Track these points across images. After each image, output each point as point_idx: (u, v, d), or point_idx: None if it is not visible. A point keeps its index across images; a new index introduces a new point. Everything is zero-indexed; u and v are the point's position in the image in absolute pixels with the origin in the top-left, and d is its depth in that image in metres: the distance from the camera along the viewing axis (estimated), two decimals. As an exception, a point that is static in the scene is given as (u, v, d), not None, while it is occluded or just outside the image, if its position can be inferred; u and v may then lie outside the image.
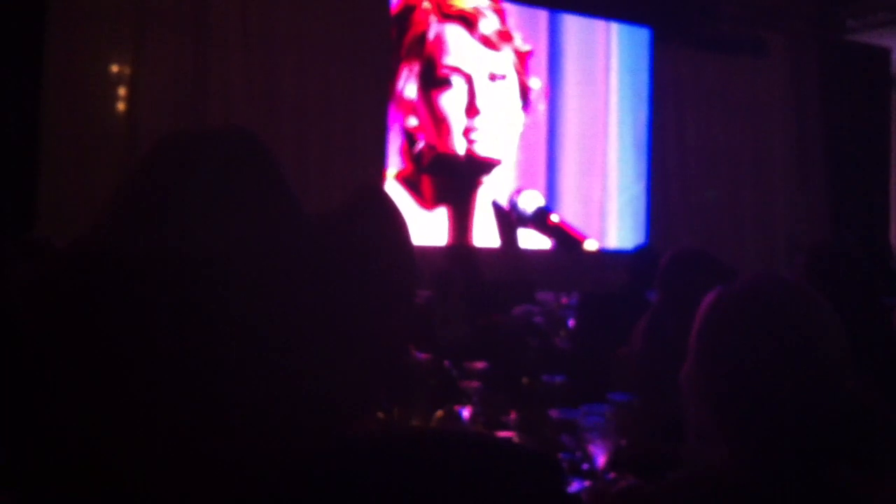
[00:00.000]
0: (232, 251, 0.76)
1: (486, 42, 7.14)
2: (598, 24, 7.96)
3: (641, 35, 8.18)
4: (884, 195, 9.62)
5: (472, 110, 7.02)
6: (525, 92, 7.35)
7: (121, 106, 6.01)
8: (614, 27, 8.02)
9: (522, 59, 7.34)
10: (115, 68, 6.01)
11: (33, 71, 5.56)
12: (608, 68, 7.97)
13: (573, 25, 7.77)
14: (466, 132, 7.02)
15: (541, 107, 7.45)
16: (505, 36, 7.24)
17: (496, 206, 7.19)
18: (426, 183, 6.95)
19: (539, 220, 7.31)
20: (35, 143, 5.55)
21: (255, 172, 0.82)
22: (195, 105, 6.17)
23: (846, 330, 1.29)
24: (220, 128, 0.86)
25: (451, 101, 7.00)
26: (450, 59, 7.02)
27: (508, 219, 7.21)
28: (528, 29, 7.50)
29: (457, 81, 7.01)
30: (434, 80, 6.96)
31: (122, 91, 6.01)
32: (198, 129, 0.86)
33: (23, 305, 0.75)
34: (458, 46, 7.06)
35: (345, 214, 0.86)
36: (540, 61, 7.55)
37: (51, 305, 0.74)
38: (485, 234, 7.16)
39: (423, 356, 2.79)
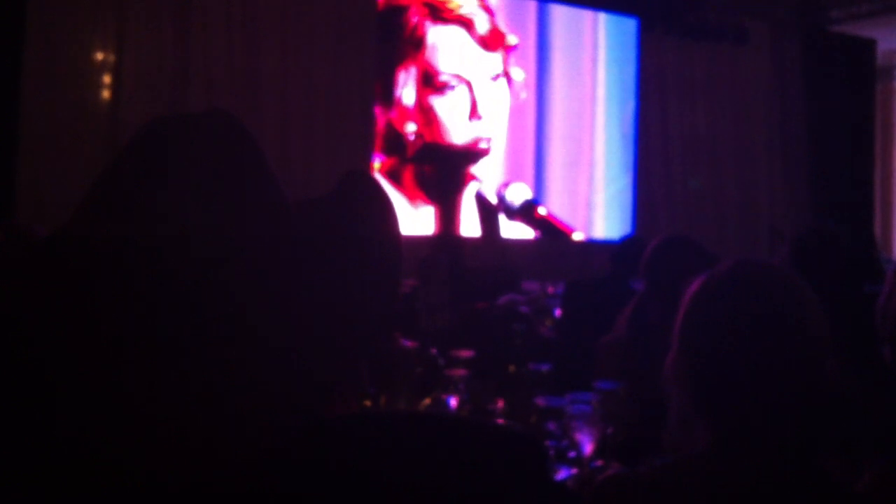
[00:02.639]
0: (212, 235, 0.76)
1: (484, 44, 7.12)
2: (586, 16, 7.95)
3: (628, 27, 8.18)
4: (867, 185, 9.68)
5: (474, 114, 7.02)
6: (508, 82, 7.34)
7: (102, 94, 5.97)
8: (602, 19, 8.01)
9: (508, 51, 7.33)
10: (96, 56, 5.96)
11: (14, 59, 5.50)
12: (595, 60, 7.97)
13: (561, 17, 7.76)
14: (476, 141, 7.01)
15: (523, 94, 7.42)
16: (499, 36, 7.22)
17: (479, 197, 7.18)
18: (411, 176, 6.93)
19: (526, 212, 7.31)
20: (15, 131, 5.50)
21: (235, 156, 0.82)
22: (177, 93, 6.13)
23: (829, 318, 1.30)
24: (202, 112, 0.85)
25: (453, 108, 6.98)
26: (450, 65, 6.98)
27: (490, 210, 7.20)
28: (517, 21, 7.48)
29: (458, 87, 6.98)
30: (434, 87, 6.93)
31: (103, 79, 5.97)
32: (179, 114, 0.86)
33: (2, 293, 0.74)
34: (457, 51, 7.02)
35: (332, 199, 0.86)
36: (528, 54, 7.54)
37: (32, 293, 0.74)
38: (472, 224, 7.16)
39: (409, 344, 2.79)
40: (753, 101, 8.89)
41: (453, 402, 2.51)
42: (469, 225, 7.13)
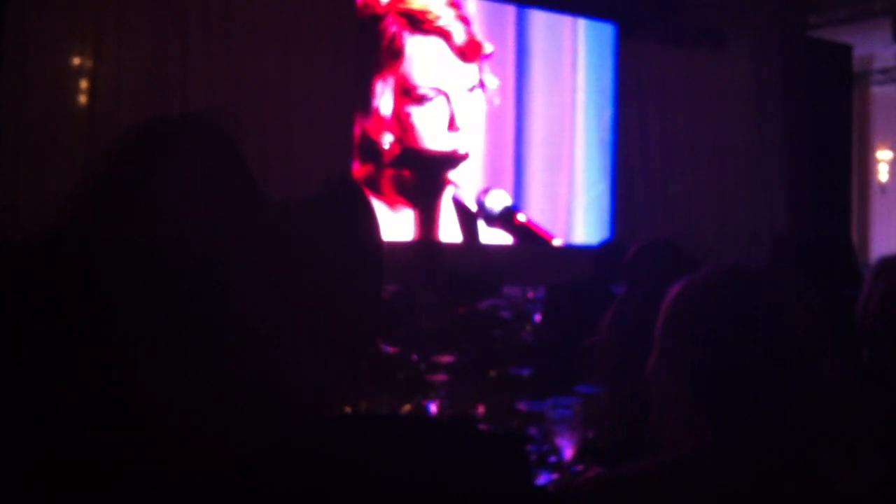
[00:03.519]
0: (191, 239, 0.76)
1: (462, 55, 7.12)
2: (565, 23, 7.98)
3: (607, 32, 8.21)
4: (844, 189, 9.76)
5: (452, 126, 7.02)
6: (483, 90, 7.35)
7: (79, 99, 5.93)
8: (581, 26, 8.04)
9: (483, 59, 7.34)
10: (73, 61, 5.93)
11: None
12: (575, 66, 8.00)
13: (540, 23, 7.78)
14: (454, 152, 7.01)
15: (496, 100, 7.42)
16: (476, 46, 7.23)
17: (457, 202, 7.18)
18: (388, 182, 6.92)
19: (506, 219, 7.32)
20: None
21: (215, 159, 0.82)
22: (155, 99, 6.09)
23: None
24: (182, 115, 0.85)
25: (430, 119, 6.98)
26: (428, 77, 6.97)
27: (468, 214, 7.21)
28: (496, 27, 7.49)
29: (435, 99, 6.98)
30: (412, 98, 6.92)
31: (81, 83, 5.94)
32: (160, 117, 0.86)
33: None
34: (434, 62, 7.02)
35: (313, 203, 0.86)
36: (507, 60, 7.55)
37: (13, 297, 0.74)
38: (451, 229, 7.16)
39: (390, 349, 2.79)
40: (731, 105, 8.95)
41: (434, 407, 2.51)
42: (448, 230, 7.13)
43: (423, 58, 6.98)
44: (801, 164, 9.17)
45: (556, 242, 7.67)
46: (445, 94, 7.00)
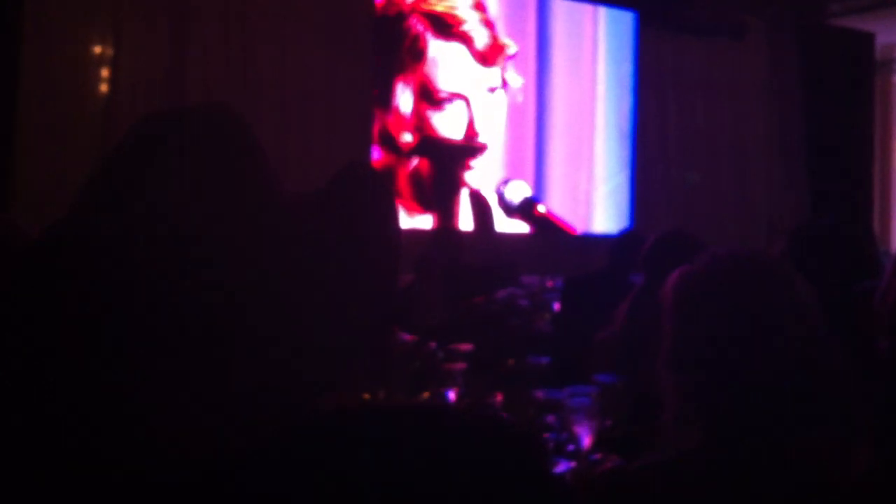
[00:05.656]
0: (206, 230, 0.76)
1: (483, 60, 7.11)
2: (586, 13, 7.93)
3: (627, 23, 8.17)
4: (865, 179, 9.67)
5: (471, 131, 7.02)
6: (505, 89, 7.33)
7: (98, 89, 5.95)
8: (602, 16, 8.00)
9: (506, 60, 7.32)
10: (93, 50, 5.95)
11: (11, 53, 5.49)
12: (595, 57, 7.97)
13: (561, 13, 7.75)
14: (473, 142, 7.03)
15: (519, 98, 7.40)
16: (499, 49, 7.21)
17: (472, 192, 7.17)
18: (406, 173, 6.92)
19: (526, 210, 7.31)
20: (11, 125, 5.49)
21: (232, 150, 0.81)
22: (174, 87, 6.11)
23: (827, 313, 1.30)
24: (198, 105, 0.85)
25: (449, 123, 6.98)
26: (448, 81, 6.96)
27: (483, 205, 7.19)
28: (518, 19, 7.46)
29: (455, 103, 6.98)
30: (432, 101, 6.92)
31: (100, 73, 5.96)
32: (175, 108, 0.85)
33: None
34: (456, 67, 7.01)
35: (330, 191, 0.86)
36: (529, 51, 7.53)
37: (26, 291, 0.74)
38: (469, 219, 7.16)
39: (408, 338, 2.79)
40: (751, 95, 8.88)
41: (452, 395, 2.52)
42: (467, 220, 7.13)
43: (444, 61, 6.99)
44: (821, 154, 9.09)
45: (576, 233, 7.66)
46: (465, 99, 7.01)
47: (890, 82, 10.18)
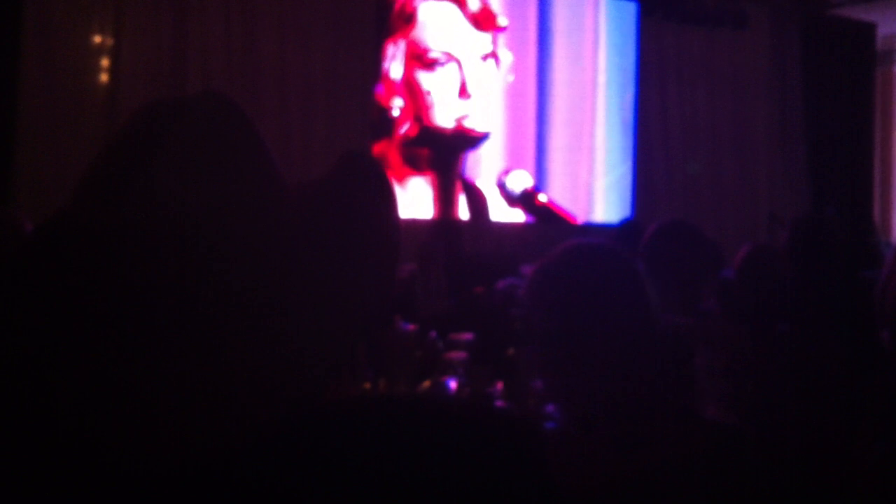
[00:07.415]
0: (206, 219, 0.75)
1: (476, 22, 7.06)
2: (588, 1, 7.89)
3: (629, 11, 8.14)
4: (866, 169, 9.66)
5: (463, 94, 6.97)
6: (497, 63, 7.28)
7: (100, 77, 5.94)
8: (603, 4, 7.96)
9: (498, 31, 7.27)
10: (94, 40, 5.93)
11: (11, 43, 5.48)
12: (596, 46, 7.94)
13: (563, 2, 7.71)
14: (460, 119, 6.97)
15: (510, 77, 7.35)
16: (491, 15, 7.16)
17: (464, 182, 7.14)
18: (406, 163, 6.89)
19: (527, 200, 7.29)
20: (13, 115, 5.48)
21: (231, 139, 0.81)
22: (175, 77, 6.10)
23: (828, 303, 1.31)
24: (197, 94, 0.84)
25: (441, 85, 6.91)
26: (440, 42, 6.90)
27: (475, 194, 7.17)
28: (519, 7, 7.43)
29: (447, 65, 6.92)
30: (423, 63, 6.86)
31: (101, 62, 5.95)
32: (174, 97, 0.85)
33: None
34: (448, 27, 6.94)
35: (330, 180, 0.86)
36: (529, 39, 7.50)
37: (28, 282, 0.74)
38: (463, 211, 7.14)
39: (409, 327, 2.79)
40: (752, 85, 8.86)
41: (453, 384, 2.52)
42: (463, 211, 7.12)
43: (435, 23, 6.91)
44: (822, 144, 9.08)
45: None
46: (457, 60, 6.94)
47: (890, 72, 10.15)
